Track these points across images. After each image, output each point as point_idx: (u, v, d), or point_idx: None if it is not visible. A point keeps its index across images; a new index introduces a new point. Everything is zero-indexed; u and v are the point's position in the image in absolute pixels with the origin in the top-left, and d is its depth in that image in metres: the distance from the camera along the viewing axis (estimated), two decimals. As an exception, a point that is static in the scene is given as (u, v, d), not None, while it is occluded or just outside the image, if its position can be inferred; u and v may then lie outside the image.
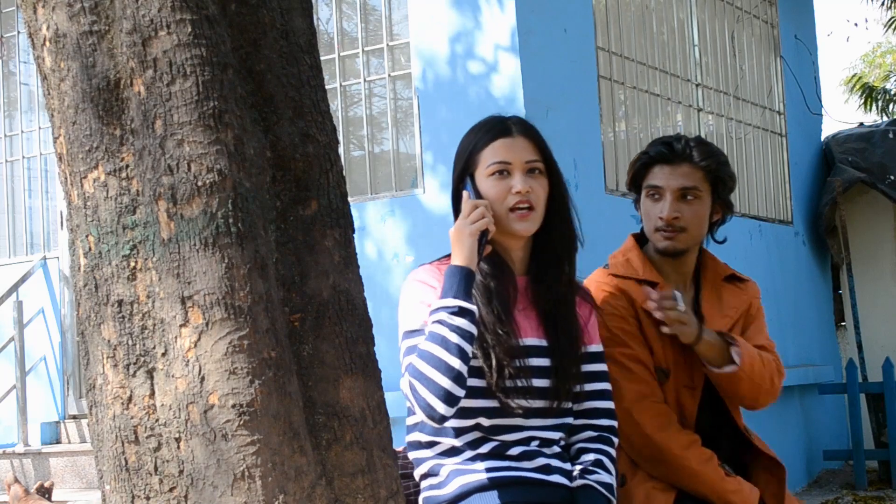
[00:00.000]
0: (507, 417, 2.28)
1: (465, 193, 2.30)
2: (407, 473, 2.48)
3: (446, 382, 2.11)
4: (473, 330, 2.16)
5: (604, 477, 2.31)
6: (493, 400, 2.26)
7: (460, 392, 2.13)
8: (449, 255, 2.29)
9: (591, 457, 2.34)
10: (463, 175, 2.34)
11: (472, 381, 2.21)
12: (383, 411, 2.03)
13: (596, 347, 2.43)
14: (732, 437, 2.76)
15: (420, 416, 2.19)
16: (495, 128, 2.33)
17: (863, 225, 7.85)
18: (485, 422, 2.27)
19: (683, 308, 2.55)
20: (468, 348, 2.14)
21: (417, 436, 2.35)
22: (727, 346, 2.60)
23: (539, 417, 2.31)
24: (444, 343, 2.12)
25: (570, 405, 2.37)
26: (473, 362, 2.20)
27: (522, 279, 2.36)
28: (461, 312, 2.15)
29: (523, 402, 2.25)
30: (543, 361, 2.31)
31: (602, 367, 2.43)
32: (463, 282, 2.17)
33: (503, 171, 2.28)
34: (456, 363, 2.11)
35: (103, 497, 1.97)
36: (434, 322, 2.16)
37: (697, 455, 2.59)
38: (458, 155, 2.38)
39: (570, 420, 2.37)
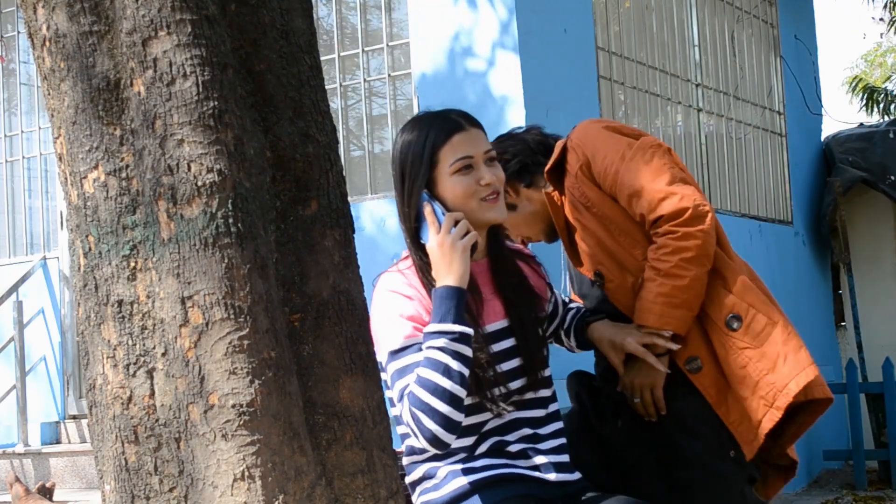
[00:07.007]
0: (487, 411, 2.26)
1: (428, 207, 2.21)
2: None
3: (450, 411, 2.08)
4: (471, 353, 2.14)
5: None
6: (470, 397, 2.22)
7: (462, 417, 2.11)
8: (407, 257, 2.27)
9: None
10: (426, 180, 2.24)
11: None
12: (383, 411, 2.03)
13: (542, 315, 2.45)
14: None
15: (421, 443, 2.13)
16: (444, 125, 2.27)
17: (863, 225, 7.86)
18: (470, 420, 2.24)
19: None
20: (467, 372, 2.12)
21: (413, 441, 2.27)
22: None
23: (519, 396, 2.29)
24: (447, 372, 2.08)
25: (547, 373, 2.37)
26: None
27: (482, 263, 2.34)
28: (462, 338, 2.11)
29: (497, 391, 2.24)
30: (507, 343, 2.30)
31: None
32: (460, 304, 2.13)
33: (468, 166, 2.24)
34: (458, 390, 2.08)
35: (103, 497, 1.97)
36: (434, 348, 2.10)
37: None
38: (411, 160, 2.26)
39: (549, 392, 2.36)
